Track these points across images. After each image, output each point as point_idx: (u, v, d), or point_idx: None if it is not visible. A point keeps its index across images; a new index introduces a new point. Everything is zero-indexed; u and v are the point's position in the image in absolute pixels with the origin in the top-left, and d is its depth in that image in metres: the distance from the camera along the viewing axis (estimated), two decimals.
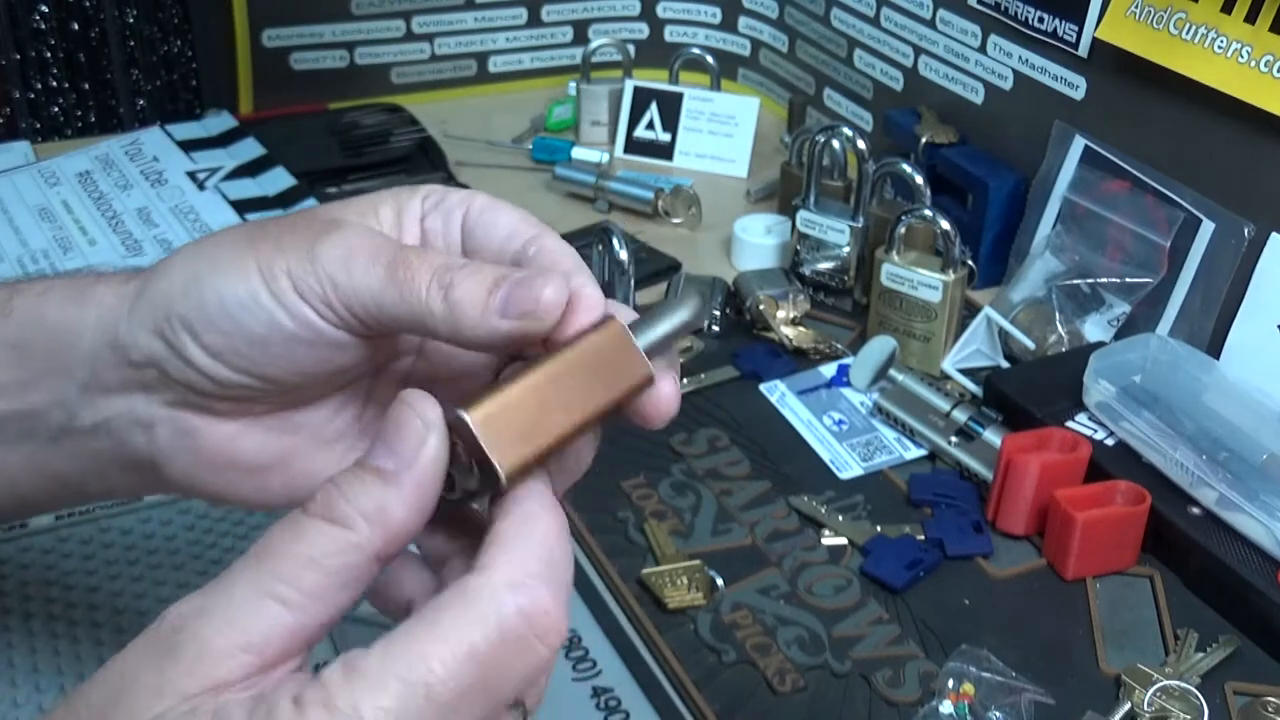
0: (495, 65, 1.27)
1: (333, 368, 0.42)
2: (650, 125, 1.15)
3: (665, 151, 1.15)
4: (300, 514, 0.36)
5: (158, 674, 0.34)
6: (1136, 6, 0.82)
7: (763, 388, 0.83)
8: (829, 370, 0.85)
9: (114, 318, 0.43)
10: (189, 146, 1.08)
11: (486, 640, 0.34)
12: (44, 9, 1.15)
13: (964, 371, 0.84)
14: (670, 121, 1.15)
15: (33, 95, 1.18)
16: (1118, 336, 0.85)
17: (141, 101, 1.22)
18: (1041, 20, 0.90)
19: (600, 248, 0.80)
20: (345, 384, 0.45)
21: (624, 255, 0.79)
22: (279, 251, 0.40)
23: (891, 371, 0.82)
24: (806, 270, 0.93)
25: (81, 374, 0.44)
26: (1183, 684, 0.61)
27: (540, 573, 0.35)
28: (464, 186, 1.07)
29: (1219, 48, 0.77)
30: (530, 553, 0.36)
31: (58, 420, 0.45)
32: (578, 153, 1.11)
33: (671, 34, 1.28)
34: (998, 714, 0.58)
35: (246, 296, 0.40)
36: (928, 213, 0.83)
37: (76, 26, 1.17)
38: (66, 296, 0.45)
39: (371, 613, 0.62)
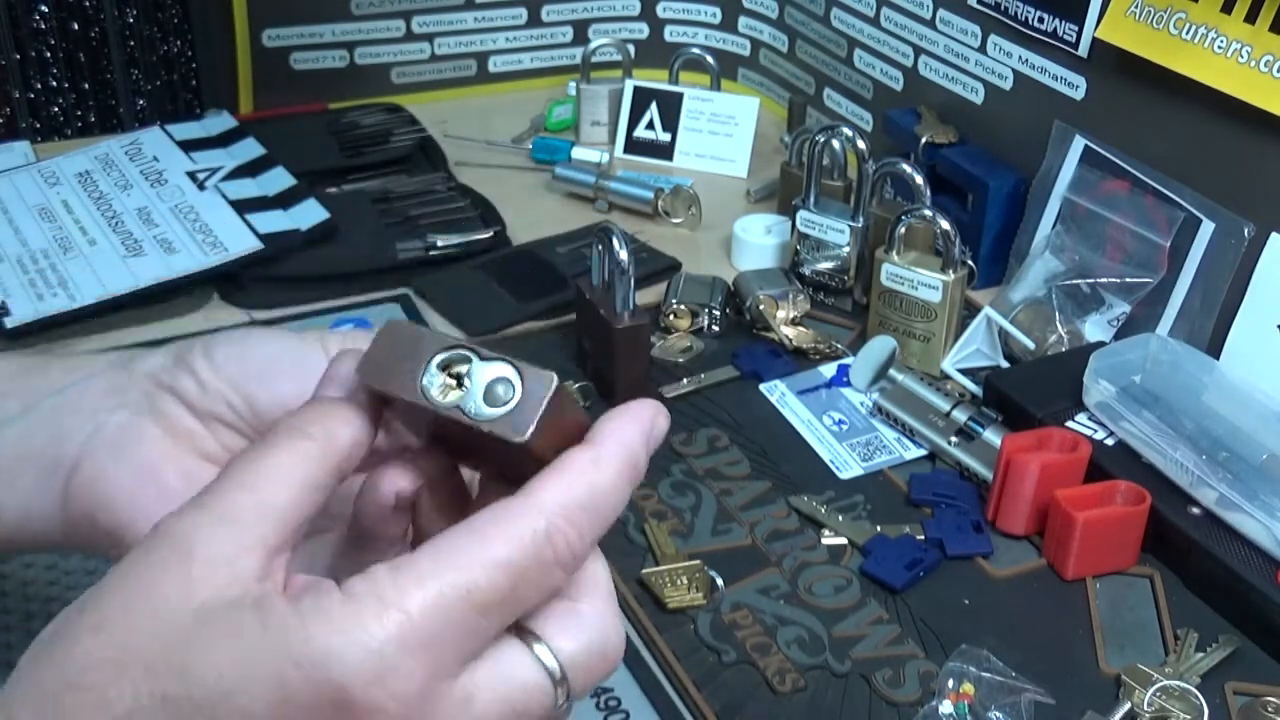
0: (495, 65, 1.27)
1: None
2: (650, 125, 1.15)
3: (665, 151, 1.15)
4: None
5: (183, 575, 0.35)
6: (1136, 6, 0.82)
7: (763, 388, 0.83)
8: (829, 370, 0.85)
9: (124, 359, 0.47)
10: (189, 146, 1.08)
11: (522, 555, 0.36)
12: (44, 9, 1.15)
13: (964, 371, 0.84)
14: (670, 121, 1.15)
15: (33, 95, 1.18)
16: (1118, 336, 0.85)
17: (141, 101, 1.22)
18: (1041, 20, 0.90)
19: (600, 248, 0.80)
20: None
21: (624, 255, 0.78)
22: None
23: (891, 371, 0.82)
24: (806, 270, 0.93)
25: (68, 381, 0.47)
26: (1183, 684, 0.61)
27: (574, 512, 0.38)
28: (465, 186, 1.07)
29: (1219, 48, 0.77)
30: (573, 493, 0.38)
31: (7, 411, 0.47)
32: (578, 153, 1.11)
33: (671, 34, 1.28)
34: (998, 714, 0.58)
35: (281, 344, 0.46)
36: (928, 213, 0.83)
37: (76, 26, 1.17)
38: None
39: None
